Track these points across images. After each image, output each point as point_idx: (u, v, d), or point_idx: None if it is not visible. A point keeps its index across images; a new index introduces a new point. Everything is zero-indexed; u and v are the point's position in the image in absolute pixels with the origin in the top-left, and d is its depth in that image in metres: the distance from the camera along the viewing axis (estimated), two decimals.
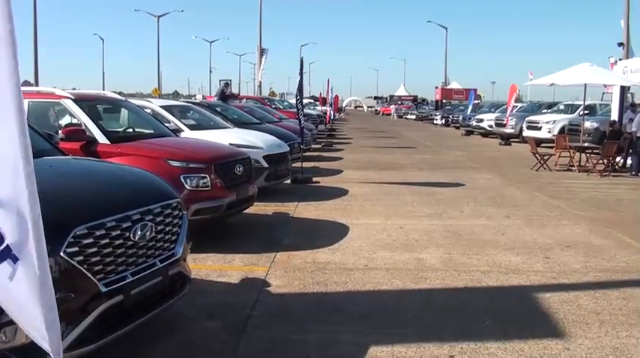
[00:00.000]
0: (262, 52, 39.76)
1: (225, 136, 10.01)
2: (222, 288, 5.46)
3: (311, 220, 8.60)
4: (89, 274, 3.20)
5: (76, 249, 3.13)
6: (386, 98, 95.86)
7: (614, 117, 18.30)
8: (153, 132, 8.19)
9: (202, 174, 6.87)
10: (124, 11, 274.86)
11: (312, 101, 49.23)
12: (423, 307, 5.05)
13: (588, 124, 19.05)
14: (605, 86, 20.69)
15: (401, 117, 64.07)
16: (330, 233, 7.69)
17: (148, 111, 9.85)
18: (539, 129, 23.58)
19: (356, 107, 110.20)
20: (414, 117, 59.31)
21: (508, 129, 26.39)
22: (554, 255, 6.77)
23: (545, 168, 15.44)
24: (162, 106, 10.95)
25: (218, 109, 14.07)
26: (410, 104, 75.26)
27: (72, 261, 3.09)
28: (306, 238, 7.38)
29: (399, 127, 41.95)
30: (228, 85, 22.83)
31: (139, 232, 3.58)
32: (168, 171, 6.45)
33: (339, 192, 11.11)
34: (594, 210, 9.72)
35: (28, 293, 2.15)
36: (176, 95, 72.83)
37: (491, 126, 28.93)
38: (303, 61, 13.44)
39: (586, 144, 16.40)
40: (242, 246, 6.91)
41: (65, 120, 7.80)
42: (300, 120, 13.83)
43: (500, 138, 26.84)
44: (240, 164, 7.65)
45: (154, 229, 3.73)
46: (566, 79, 16.26)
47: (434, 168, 15.81)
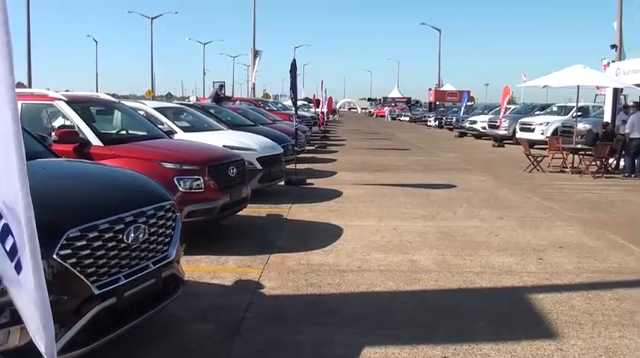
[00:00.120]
0: (256, 53, 39.81)
1: (219, 138, 10.01)
2: (215, 290, 5.45)
3: (305, 222, 8.60)
4: (82, 276, 3.19)
5: (68, 251, 3.12)
6: (379, 100, 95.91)
7: (607, 118, 18.37)
8: (146, 134, 8.18)
9: (196, 176, 6.85)
10: (118, 13, 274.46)
11: (306, 103, 49.24)
12: (417, 308, 5.06)
13: (581, 126, 19.15)
14: (597, 88, 20.75)
15: (394, 119, 64.21)
16: (323, 234, 7.69)
17: (142, 113, 9.84)
18: (533, 130, 23.70)
19: (350, 109, 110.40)
20: (408, 119, 59.40)
21: (501, 131, 26.46)
22: (548, 256, 6.79)
23: (538, 170, 15.50)
24: (156, 108, 10.93)
25: (211, 111, 14.06)
26: (403, 106, 75.39)
27: (65, 264, 3.08)
28: (300, 240, 7.38)
29: (392, 129, 42.01)
30: (222, 87, 22.84)
31: (132, 234, 3.57)
32: (162, 173, 6.43)
33: (332, 194, 11.12)
34: (587, 212, 9.76)
35: (22, 296, 2.15)
36: (169, 97, 72.76)
37: (484, 128, 28.96)
38: (296, 63, 13.43)
39: (579, 145, 16.45)
40: (235, 247, 6.90)
41: (58, 122, 7.77)
42: (295, 121, 13.84)
43: (493, 140, 26.96)
44: (234, 166, 7.64)
45: (147, 231, 3.72)
46: (560, 81, 16.33)
47: (427, 170, 15.84)
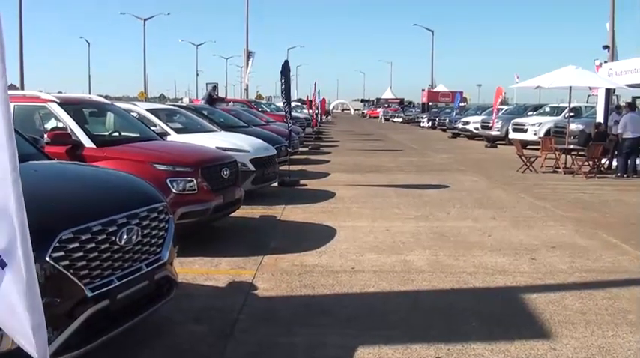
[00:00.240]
0: (249, 55, 39.80)
1: (212, 139, 10.00)
2: (209, 292, 5.44)
3: (298, 223, 8.60)
4: (75, 279, 3.18)
5: (61, 253, 3.11)
6: (373, 101, 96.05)
7: (600, 119, 18.44)
8: (139, 135, 8.16)
9: (189, 178, 6.84)
10: (111, 14, 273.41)
11: (299, 104, 49.24)
12: (410, 309, 5.07)
13: (574, 126, 19.21)
14: (590, 88, 20.86)
15: (388, 119, 64.28)
16: (317, 236, 7.69)
17: (134, 114, 9.82)
18: (525, 131, 23.78)
19: (343, 110, 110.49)
20: (401, 119, 59.46)
21: (494, 132, 26.53)
22: (540, 256, 6.82)
23: (531, 170, 15.55)
24: (149, 110, 10.91)
25: (205, 113, 14.02)
26: (397, 107, 75.49)
27: (58, 266, 3.07)
28: (293, 241, 7.38)
29: (385, 130, 42.05)
30: (216, 88, 22.80)
31: (125, 236, 3.56)
32: (155, 174, 6.42)
33: (326, 195, 11.12)
34: (580, 212, 9.80)
35: (15, 299, 2.14)
36: (162, 98, 72.65)
37: (477, 129, 29.03)
38: (288, 64, 13.41)
39: (572, 146, 16.52)
40: (229, 249, 6.89)
41: (51, 124, 7.75)
42: (288, 123, 13.84)
43: (486, 141, 27.04)
44: (227, 167, 7.63)
45: (140, 233, 3.71)
46: (552, 82, 16.39)
47: (420, 171, 15.87)
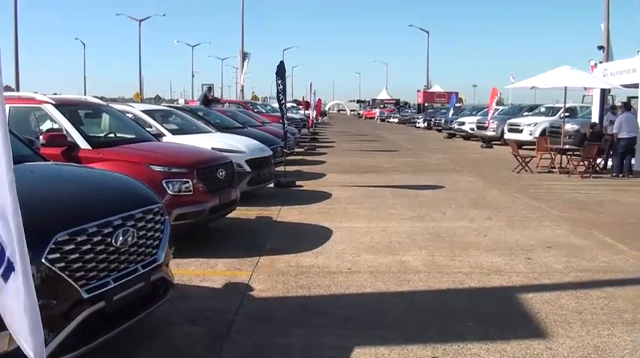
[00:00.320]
0: (244, 56, 39.68)
1: (208, 141, 9.99)
2: (205, 293, 5.44)
3: (294, 224, 8.60)
4: (71, 280, 3.17)
5: (57, 255, 3.10)
6: (368, 102, 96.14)
7: (595, 119, 18.53)
8: (134, 137, 8.15)
9: (184, 179, 6.84)
10: (106, 15, 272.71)
11: (295, 105, 49.23)
12: (406, 309, 5.07)
13: (569, 126, 19.27)
14: (585, 89, 20.90)
15: (383, 120, 64.34)
16: (313, 236, 7.69)
17: (130, 115, 9.79)
18: (521, 131, 23.83)
19: (339, 111, 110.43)
20: (397, 120, 59.57)
21: (489, 132, 26.59)
22: (536, 255, 6.83)
23: (526, 171, 15.58)
24: (144, 111, 10.89)
25: (200, 114, 14.01)
26: (392, 107, 75.58)
27: (53, 268, 3.06)
28: (290, 242, 7.38)
29: (381, 131, 42.08)
30: (211, 89, 22.80)
31: (121, 238, 3.56)
32: (150, 176, 6.42)
33: (322, 196, 11.13)
34: (575, 211, 9.83)
35: (11, 301, 2.14)
36: (158, 99, 72.53)
37: (472, 129, 29.10)
38: (283, 65, 13.40)
39: (567, 146, 16.56)
40: (225, 250, 6.89)
41: (46, 125, 7.74)
42: (284, 124, 13.84)
43: (481, 141, 27.09)
44: (223, 168, 7.63)
45: (135, 235, 3.71)
46: (547, 82, 16.41)
47: (416, 171, 15.89)
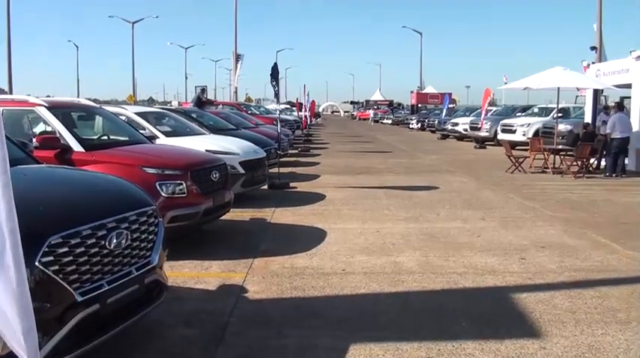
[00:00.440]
0: (238, 57, 39.66)
1: (201, 143, 9.98)
2: (199, 295, 5.43)
3: (288, 225, 8.60)
4: (65, 283, 3.16)
5: (51, 258, 3.10)
6: (362, 103, 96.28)
7: (588, 119, 18.63)
8: (128, 139, 8.13)
9: (178, 181, 6.83)
10: (99, 17, 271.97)
11: (288, 106, 49.22)
12: (401, 310, 5.08)
13: (562, 127, 19.33)
14: (578, 89, 21.00)
15: (377, 121, 64.42)
16: (307, 238, 7.69)
17: (123, 118, 9.78)
18: (514, 132, 23.90)
19: (332, 112, 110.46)
20: (390, 121, 59.61)
21: (483, 133, 26.67)
22: (530, 255, 6.85)
23: (519, 171, 15.63)
24: (137, 113, 10.88)
25: (194, 116, 14.01)
26: (386, 109, 75.65)
27: (47, 271, 3.06)
28: (284, 243, 7.38)
29: (375, 132, 42.11)
30: (204, 91, 22.75)
31: (115, 240, 3.56)
32: (144, 178, 6.40)
33: (316, 197, 11.13)
34: (569, 211, 9.86)
35: (5, 304, 2.14)
36: (151, 101, 72.40)
37: (466, 130, 29.16)
38: (277, 67, 13.41)
39: (560, 146, 16.63)
40: (219, 252, 6.88)
41: (39, 128, 7.71)
42: (278, 125, 13.84)
43: (475, 142, 27.16)
44: (217, 170, 7.62)
45: (129, 237, 3.71)
46: (540, 83, 16.46)
47: (410, 172, 15.91)
